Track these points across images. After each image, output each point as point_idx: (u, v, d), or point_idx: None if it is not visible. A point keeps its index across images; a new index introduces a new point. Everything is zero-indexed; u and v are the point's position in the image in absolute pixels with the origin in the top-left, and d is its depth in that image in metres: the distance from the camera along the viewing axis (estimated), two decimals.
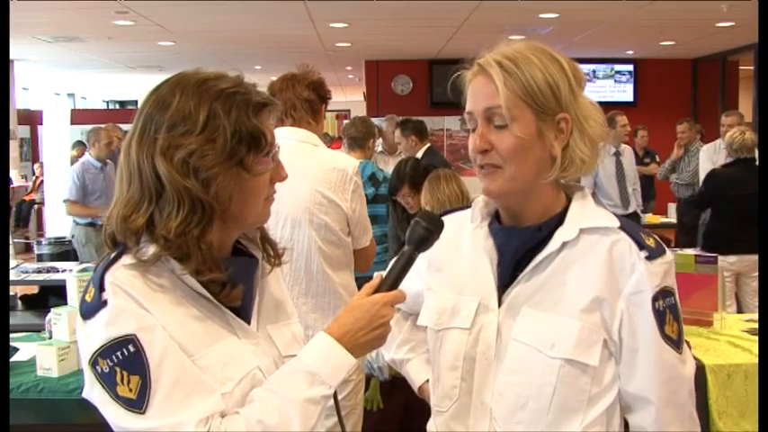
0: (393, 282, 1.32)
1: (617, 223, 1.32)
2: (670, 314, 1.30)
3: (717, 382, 2.69)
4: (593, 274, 1.29)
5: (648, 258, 1.29)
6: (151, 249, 1.21)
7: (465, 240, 1.43)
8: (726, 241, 5.08)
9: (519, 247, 1.34)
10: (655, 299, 1.28)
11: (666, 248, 1.32)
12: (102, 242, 1.26)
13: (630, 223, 1.36)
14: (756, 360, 2.65)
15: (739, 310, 5.18)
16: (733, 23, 8.24)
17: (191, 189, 1.19)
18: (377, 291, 1.31)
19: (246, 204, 1.27)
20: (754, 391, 2.64)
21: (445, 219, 1.40)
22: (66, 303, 2.88)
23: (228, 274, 1.24)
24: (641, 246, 1.30)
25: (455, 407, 1.37)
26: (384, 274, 1.34)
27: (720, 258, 5.08)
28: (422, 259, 1.40)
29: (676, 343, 1.31)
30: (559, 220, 1.34)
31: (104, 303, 1.17)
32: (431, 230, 1.34)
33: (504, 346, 1.32)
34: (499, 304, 1.34)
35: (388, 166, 5.84)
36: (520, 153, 1.28)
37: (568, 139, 1.30)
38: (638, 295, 1.29)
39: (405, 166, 4.20)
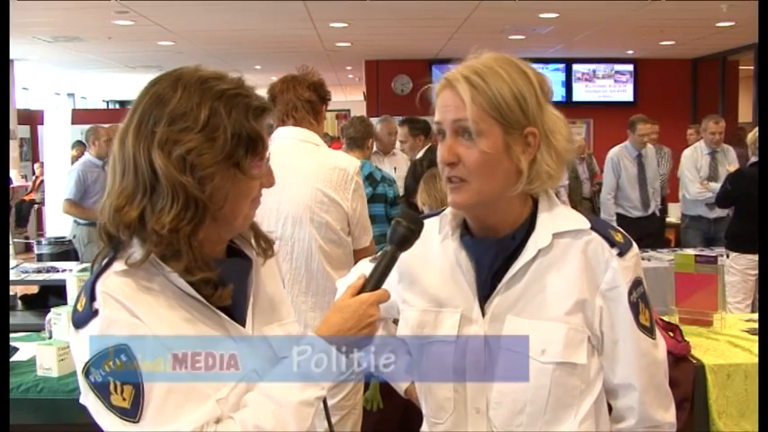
0: (377, 282, 1.33)
1: (587, 224, 1.36)
2: (642, 303, 1.36)
3: (717, 382, 2.69)
4: (572, 276, 1.33)
5: (620, 255, 1.34)
6: (141, 251, 1.20)
7: (434, 251, 1.43)
8: (753, 240, 5.04)
9: (495, 257, 1.36)
10: (629, 293, 1.34)
11: (632, 240, 1.38)
12: (98, 237, 1.25)
13: (599, 221, 1.40)
14: (756, 360, 2.65)
15: (754, 310, 5.17)
16: (733, 23, 8.25)
17: (186, 185, 1.18)
18: (361, 291, 1.32)
19: (238, 206, 1.26)
20: (754, 391, 2.64)
21: None
22: (66, 303, 2.88)
23: (218, 275, 1.23)
24: (612, 243, 1.34)
25: (452, 418, 1.39)
26: (367, 274, 1.35)
27: (749, 258, 5.15)
28: (392, 271, 1.42)
29: (650, 330, 1.37)
30: (530, 224, 1.36)
31: (95, 313, 1.17)
32: (412, 230, 1.35)
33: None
34: (482, 314, 1.36)
35: (383, 165, 5.91)
36: (486, 167, 1.29)
37: (535, 152, 1.31)
38: (613, 291, 1.33)
39: (421, 168, 4.14)
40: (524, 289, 1.34)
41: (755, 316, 3.40)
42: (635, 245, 1.37)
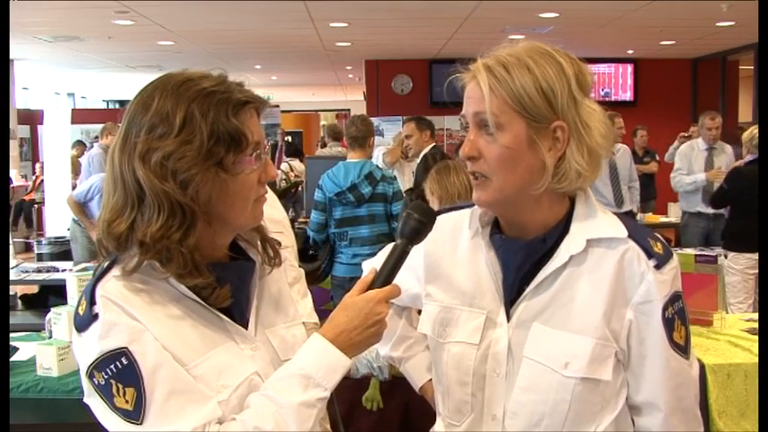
0: (387, 277, 1.28)
1: (625, 232, 1.28)
2: (678, 320, 1.28)
3: (717, 382, 2.69)
4: (603, 287, 1.26)
5: (657, 267, 1.25)
6: (135, 257, 1.20)
7: (462, 247, 1.38)
8: (752, 239, 5.00)
9: (524, 260, 1.29)
10: (665, 308, 1.26)
11: (672, 252, 1.30)
12: (97, 250, 1.26)
13: (639, 228, 1.31)
14: (756, 360, 2.65)
15: (755, 310, 5.16)
16: (733, 23, 8.25)
17: (169, 193, 1.17)
18: (371, 287, 1.28)
19: (233, 206, 1.24)
20: (754, 391, 2.64)
21: (438, 219, 1.36)
22: (66, 303, 2.88)
23: (215, 278, 1.22)
24: (649, 254, 1.26)
25: (468, 422, 1.35)
26: (378, 268, 1.30)
27: (748, 256, 5.14)
28: (418, 260, 1.38)
29: (683, 349, 1.29)
30: (564, 227, 1.29)
31: (96, 317, 1.17)
32: (423, 222, 1.30)
33: (516, 364, 1.29)
34: (507, 318, 1.31)
35: (404, 169, 6.42)
36: (507, 163, 1.23)
37: (564, 148, 1.24)
38: (647, 305, 1.26)
39: (433, 160, 4.16)
40: (553, 296, 1.27)
41: (756, 316, 3.40)
42: (675, 257, 1.28)
